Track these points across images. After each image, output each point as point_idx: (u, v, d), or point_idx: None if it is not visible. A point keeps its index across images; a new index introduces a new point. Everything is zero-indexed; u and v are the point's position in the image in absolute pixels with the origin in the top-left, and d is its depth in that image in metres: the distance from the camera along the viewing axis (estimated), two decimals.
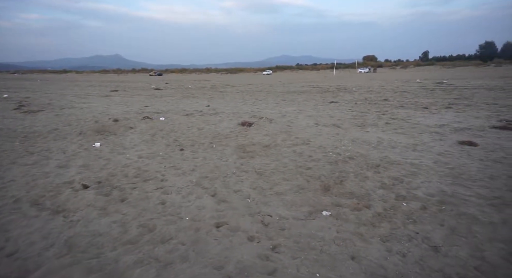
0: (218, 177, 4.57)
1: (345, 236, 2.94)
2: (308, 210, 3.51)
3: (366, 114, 10.07)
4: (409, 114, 9.88)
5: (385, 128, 7.85)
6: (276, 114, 10.25)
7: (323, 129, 7.85)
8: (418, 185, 4.14)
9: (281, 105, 13.12)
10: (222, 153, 5.86)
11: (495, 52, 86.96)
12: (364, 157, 5.42)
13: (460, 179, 4.28)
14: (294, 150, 6.02)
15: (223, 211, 3.48)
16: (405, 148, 5.99)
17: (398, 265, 2.49)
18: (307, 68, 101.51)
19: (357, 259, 2.60)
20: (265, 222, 3.24)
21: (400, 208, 3.49)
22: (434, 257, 2.59)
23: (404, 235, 2.94)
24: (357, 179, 4.41)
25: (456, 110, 10.33)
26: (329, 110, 11.11)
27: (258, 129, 7.88)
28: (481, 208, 3.40)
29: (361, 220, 3.26)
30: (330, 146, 6.24)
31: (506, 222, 3.08)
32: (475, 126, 7.66)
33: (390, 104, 12.41)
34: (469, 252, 2.63)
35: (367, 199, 3.76)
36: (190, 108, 12.03)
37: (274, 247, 2.78)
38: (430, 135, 6.95)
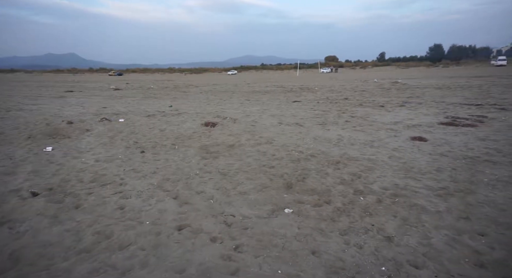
0: (181, 179, 4.48)
1: (306, 232, 3.02)
2: (271, 208, 3.55)
3: (328, 113, 10.42)
4: (367, 112, 10.37)
5: (345, 126, 8.16)
6: (241, 114, 10.26)
7: (286, 128, 7.99)
8: (375, 179, 4.36)
9: (246, 105, 13.16)
10: (185, 154, 5.75)
11: (442, 54, 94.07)
12: (325, 154, 5.60)
13: (411, 172, 4.57)
14: (258, 149, 6.06)
15: (185, 213, 3.41)
16: (363, 144, 6.27)
17: (355, 257, 2.61)
18: (271, 68, 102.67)
19: (317, 254, 2.67)
20: (228, 222, 3.23)
21: (358, 202, 3.65)
22: (388, 247, 2.74)
23: (361, 228, 3.08)
24: (318, 176, 4.54)
25: (408, 108, 11.02)
26: (292, 110, 11.34)
27: (222, 130, 7.84)
28: (429, 199, 3.66)
29: (321, 215, 3.36)
30: (293, 144, 6.37)
31: (450, 210, 3.34)
32: (425, 123, 8.22)
33: (350, 103, 12.94)
34: (418, 240, 2.81)
35: (327, 195, 3.89)
36: (152, 109, 11.67)
37: (237, 246, 2.78)
38: (385, 132, 7.34)
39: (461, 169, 4.61)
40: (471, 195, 3.72)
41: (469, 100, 12.35)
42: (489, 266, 2.40)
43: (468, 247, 2.67)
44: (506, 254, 2.53)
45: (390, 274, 2.37)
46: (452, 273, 2.36)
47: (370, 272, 2.41)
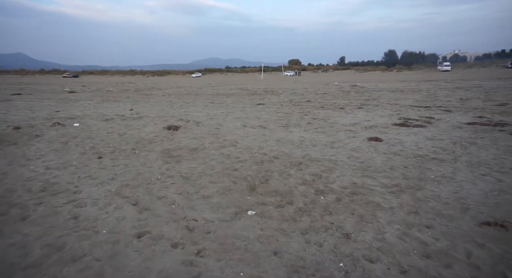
0: (141, 184, 4.33)
1: (269, 233, 3.06)
2: (234, 210, 3.55)
3: (291, 115, 10.65)
4: (328, 114, 10.75)
5: (307, 128, 8.39)
6: (204, 117, 10.16)
7: (250, 130, 8.04)
8: (334, 179, 4.53)
9: (210, 108, 13.05)
10: (145, 159, 5.56)
11: (396, 59, 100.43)
12: (288, 156, 5.71)
13: (368, 171, 4.81)
14: (222, 152, 6.04)
15: (145, 220, 3.30)
16: (324, 145, 6.49)
17: (315, 255, 2.69)
18: (236, 71, 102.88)
19: (279, 254, 2.72)
20: (190, 227, 3.18)
21: (319, 202, 3.77)
22: (346, 243, 2.86)
23: (322, 227, 3.18)
24: (281, 177, 4.62)
25: (366, 110, 11.60)
26: (257, 112, 11.44)
27: (185, 133, 7.70)
28: (383, 196, 3.87)
29: (283, 216, 3.42)
30: (256, 146, 6.43)
31: (401, 206, 3.57)
32: (380, 124, 8.70)
33: (312, 106, 13.34)
34: (373, 235, 2.97)
35: (290, 195, 3.97)
36: (111, 113, 11.16)
37: (199, 251, 2.74)
38: (345, 133, 7.66)
39: (411, 167, 4.94)
40: (420, 190, 3.99)
41: (419, 102, 13.29)
42: (434, 256, 2.60)
43: (417, 239, 2.87)
44: (448, 244, 2.76)
45: (347, 270, 2.48)
46: (403, 264, 2.52)
47: (329, 269, 2.50)
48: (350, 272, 2.45)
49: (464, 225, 3.09)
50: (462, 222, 3.14)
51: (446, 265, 2.48)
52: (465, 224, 3.09)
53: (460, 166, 4.89)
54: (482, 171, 4.61)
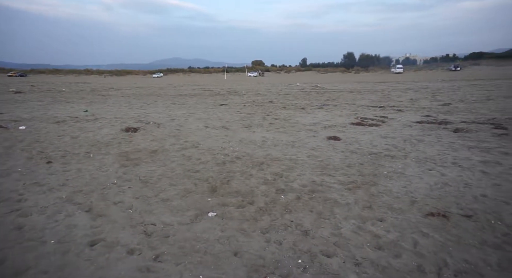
0: (95, 190, 4.11)
1: (229, 234, 3.05)
2: (195, 213, 3.49)
3: (253, 115, 10.72)
4: (290, 114, 10.98)
5: (269, 128, 8.50)
6: (165, 118, 9.89)
7: (213, 131, 7.97)
8: (295, 177, 4.63)
9: (171, 109, 12.73)
10: (101, 163, 5.29)
11: (354, 61, 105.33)
12: (250, 156, 5.74)
13: (327, 169, 4.98)
14: (183, 153, 5.92)
15: (99, 227, 3.13)
16: (286, 145, 6.61)
17: (275, 253, 2.73)
18: (199, 71, 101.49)
19: (239, 254, 2.72)
20: (148, 231, 3.07)
21: (279, 201, 3.83)
22: (304, 240, 2.93)
23: (282, 225, 3.23)
24: (242, 178, 4.63)
25: (326, 110, 12.02)
26: (219, 113, 11.37)
27: (144, 135, 7.44)
28: (341, 192, 4.03)
29: (244, 216, 3.43)
30: (218, 147, 6.39)
31: (357, 201, 3.74)
32: (339, 123, 9.06)
33: (275, 106, 13.54)
34: (330, 231, 3.08)
35: (251, 195, 3.99)
36: (63, 115, 10.47)
37: (157, 256, 2.66)
38: (305, 132, 7.86)
39: (367, 164, 5.20)
40: (374, 186, 4.22)
41: (374, 102, 14.04)
42: (385, 247, 2.76)
43: (370, 232, 3.02)
44: (398, 235, 2.94)
45: (305, 266, 2.54)
46: (357, 257, 2.64)
47: (288, 266, 2.54)
48: (308, 267, 2.52)
49: (412, 216, 3.31)
50: (410, 214, 3.36)
51: (395, 255, 2.65)
52: (413, 216, 3.32)
53: (410, 162, 5.24)
54: (428, 166, 4.97)
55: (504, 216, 3.22)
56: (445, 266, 2.46)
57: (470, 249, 2.67)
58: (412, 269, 2.46)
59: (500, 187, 4.00)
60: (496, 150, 5.70)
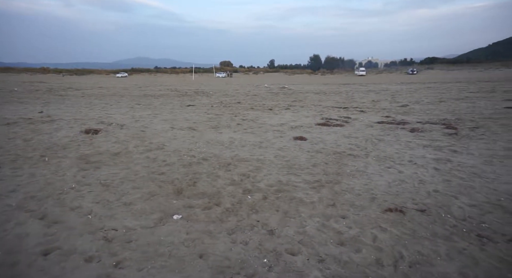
0: (51, 195, 3.86)
1: (195, 236, 3.00)
2: (159, 216, 3.40)
3: (221, 116, 10.66)
4: (257, 115, 11.04)
5: (236, 129, 8.50)
6: (129, 119, 9.54)
7: (179, 132, 7.82)
8: (262, 178, 4.66)
9: (136, 109, 12.31)
10: (57, 167, 4.98)
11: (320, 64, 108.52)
12: (217, 157, 5.70)
13: (293, 169, 5.07)
14: (148, 155, 5.74)
15: (54, 235, 2.95)
16: (253, 145, 6.65)
17: (241, 253, 2.73)
18: (166, 71, 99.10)
19: (205, 256, 2.69)
20: (109, 237, 2.94)
21: (246, 201, 3.84)
22: (270, 239, 2.97)
23: (248, 225, 3.24)
24: (209, 179, 4.59)
25: (293, 111, 12.24)
26: (186, 114, 11.17)
27: (106, 137, 7.12)
28: (306, 191, 4.13)
29: (210, 217, 3.40)
30: (185, 148, 6.27)
31: (321, 199, 3.85)
32: (305, 124, 9.27)
33: (242, 107, 13.56)
34: (295, 229, 3.14)
35: (217, 196, 3.96)
36: (14, 116, 9.73)
37: (118, 263, 2.55)
38: (273, 133, 7.95)
39: (331, 163, 5.36)
40: (337, 184, 4.36)
41: (339, 103, 14.54)
42: (346, 243, 2.87)
43: (333, 229, 3.12)
44: (359, 231, 3.07)
45: (271, 265, 2.57)
46: (321, 254, 2.71)
47: (253, 266, 2.56)
48: (273, 266, 2.55)
49: (372, 212, 3.47)
50: (370, 210, 3.52)
51: (356, 250, 2.76)
52: (373, 212, 3.48)
53: (371, 160, 5.48)
54: (387, 164, 5.24)
55: (453, 209, 3.48)
56: (401, 258, 2.61)
57: (423, 241, 2.85)
58: (371, 262, 2.58)
59: (450, 182, 4.31)
60: (446, 148, 6.14)
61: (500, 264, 2.50)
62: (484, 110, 11.25)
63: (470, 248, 2.72)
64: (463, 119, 9.38)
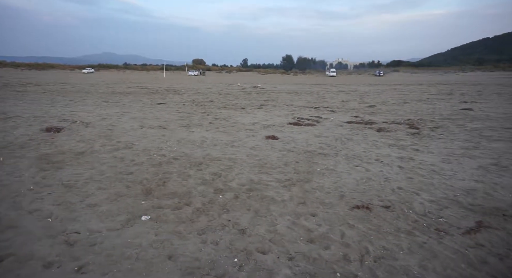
0: (5, 198, 3.61)
1: (164, 237, 2.93)
2: (126, 218, 3.28)
3: (193, 115, 10.49)
4: (230, 114, 10.99)
5: (208, 127, 8.40)
6: (95, 117, 9.13)
7: (149, 131, 7.60)
8: (233, 177, 4.64)
9: (103, 107, 11.80)
10: (14, 167, 4.66)
11: (293, 64, 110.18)
12: (188, 156, 5.60)
13: (265, 168, 5.09)
14: (115, 155, 5.53)
15: (8, 240, 2.75)
16: (225, 144, 6.60)
17: (211, 254, 2.70)
18: (136, 68, 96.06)
19: (174, 258, 2.63)
20: (71, 241, 2.79)
21: (217, 201, 3.80)
22: (241, 239, 2.96)
23: (219, 225, 3.21)
24: (180, 179, 4.50)
25: (265, 110, 12.31)
26: (156, 112, 10.88)
27: (70, 135, 6.77)
28: (277, 190, 4.16)
29: (180, 218, 3.33)
30: (155, 148, 6.11)
31: (292, 198, 3.90)
32: (277, 123, 9.35)
33: (215, 105, 13.43)
34: (266, 228, 3.16)
35: (188, 196, 3.89)
36: None
37: (80, 267, 2.43)
38: (245, 132, 7.95)
39: (302, 162, 5.45)
40: (308, 183, 4.44)
41: (310, 103, 14.83)
42: (316, 240, 2.93)
43: (303, 227, 3.18)
44: (328, 228, 3.14)
45: (241, 264, 2.56)
46: (291, 252, 2.75)
47: (223, 266, 2.54)
48: (244, 266, 2.55)
49: (341, 210, 3.57)
50: (339, 208, 3.62)
51: (325, 247, 2.82)
52: (341, 209, 3.58)
53: (340, 159, 5.64)
54: (356, 162, 5.42)
55: (414, 205, 3.66)
56: (366, 254, 2.70)
57: (387, 236, 2.98)
58: (339, 258, 2.65)
59: (412, 179, 4.54)
60: (410, 147, 6.46)
61: (455, 255, 2.67)
62: (443, 111, 11.96)
63: (430, 242, 2.88)
64: (424, 120, 9.91)
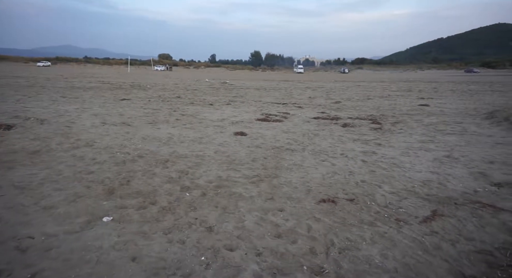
0: None
1: (127, 238, 2.81)
2: (86, 219, 3.11)
3: (159, 111, 10.18)
4: (197, 110, 10.81)
5: (175, 124, 8.20)
6: (52, 114, 8.57)
7: (112, 128, 7.26)
8: (201, 174, 4.57)
9: (60, 103, 11.10)
10: None
11: (261, 60, 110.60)
12: (153, 154, 5.43)
13: (233, 164, 5.06)
14: (74, 153, 5.22)
15: None
16: (192, 141, 6.48)
17: (177, 253, 2.63)
18: (98, 62, 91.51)
19: (138, 259, 2.53)
20: (23, 247, 2.59)
21: (184, 198, 3.72)
22: (208, 236, 2.92)
23: (185, 223, 3.14)
24: (145, 177, 4.35)
25: (234, 106, 12.25)
26: (120, 108, 10.43)
27: (22, 133, 6.29)
28: (245, 186, 4.15)
29: (145, 217, 3.22)
30: (118, 145, 5.85)
31: (260, 194, 3.91)
32: (246, 119, 9.35)
33: (182, 102, 13.14)
34: (234, 225, 3.14)
35: (153, 195, 3.77)
36: None
37: (34, 275, 2.27)
38: (213, 128, 7.86)
39: (270, 158, 5.48)
40: (276, 178, 4.47)
41: (278, 99, 14.98)
42: (283, 235, 2.96)
43: (271, 222, 3.20)
44: (295, 223, 3.19)
45: (208, 262, 2.53)
46: (259, 247, 2.76)
47: (190, 265, 2.49)
48: (211, 264, 2.51)
49: (307, 204, 3.64)
50: (306, 202, 3.69)
51: (292, 241, 2.86)
52: (308, 204, 3.65)
53: (307, 154, 5.75)
54: (322, 157, 5.55)
55: (377, 197, 3.83)
56: (332, 246, 2.78)
57: (351, 228, 3.08)
58: (306, 252, 2.70)
59: (375, 173, 4.74)
60: (372, 142, 6.74)
61: (413, 243, 2.83)
62: (403, 107, 12.62)
63: (390, 231, 3.02)
64: (386, 115, 10.39)
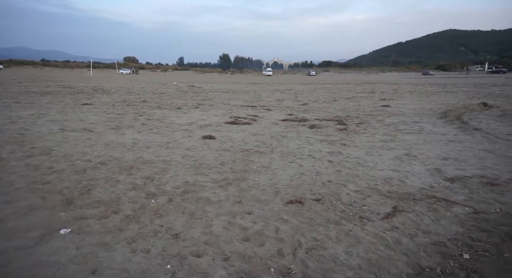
0: None
1: (87, 251, 2.66)
2: (40, 233, 2.91)
3: (123, 116, 9.82)
4: (164, 114, 10.55)
5: (141, 129, 7.94)
6: (3, 120, 7.98)
7: (71, 134, 6.88)
8: (168, 180, 4.45)
9: (13, 108, 10.36)
10: None
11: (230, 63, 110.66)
12: (117, 160, 5.22)
13: (201, 169, 4.98)
14: (28, 162, 4.88)
15: None
16: (159, 146, 6.30)
17: (141, 263, 2.53)
18: (57, 65, 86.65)
19: (98, 272, 2.40)
20: None
21: (149, 206, 3.60)
22: (175, 243, 2.84)
23: (151, 231, 3.04)
24: (107, 185, 4.16)
25: (202, 109, 12.10)
26: (81, 114, 9.93)
27: None
28: (213, 191, 4.10)
29: (107, 227, 3.07)
30: (78, 152, 5.56)
31: (228, 197, 3.87)
32: (214, 122, 9.26)
33: (148, 106, 12.77)
34: (202, 230, 3.08)
35: (116, 203, 3.61)
36: None
37: None
38: (181, 133, 7.70)
39: (239, 161, 5.46)
40: (244, 181, 4.46)
41: (247, 102, 15.02)
42: (251, 238, 2.95)
43: (239, 226, 3.18)
44: (263, 225, 3.19)
45: (174, 270, 2.46)
46: (226, 252, 2.72)
47: (155, 274, 2.40)
48: (177, 271, 2.44)
49: (275, 206, 3.66)
50: (274, 204, 3.71)
51: (260, 244, 2.86)
52: (276, 205, 3.67)
53: (275, 156, 5.80)
54: (290, 159, 5.62)
55: (342, 196, 3.94)
56: (299, 246, 2.81)
57: (318, 228, 3.14)
58: (273, 254, 2.71)
59: (340, 172, 4.88)
60: (338, 142, 6.94)
61: (375, 239, 2.93)
62: (366, 108, 13.15)
63: (354, 229, 3.11)
64: (351, 116, 10.77)
